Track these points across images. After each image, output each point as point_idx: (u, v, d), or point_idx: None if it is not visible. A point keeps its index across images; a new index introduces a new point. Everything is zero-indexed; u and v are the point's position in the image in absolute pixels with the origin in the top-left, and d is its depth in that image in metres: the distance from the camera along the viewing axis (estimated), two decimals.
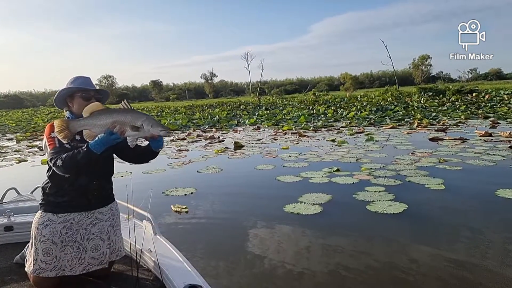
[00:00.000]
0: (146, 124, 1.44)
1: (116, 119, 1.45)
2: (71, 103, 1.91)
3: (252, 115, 20.84)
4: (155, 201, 4.81)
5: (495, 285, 2.61)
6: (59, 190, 1.90)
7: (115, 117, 1.46)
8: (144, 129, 1.47)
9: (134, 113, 1.44)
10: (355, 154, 7.76)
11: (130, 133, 1.46)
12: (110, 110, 1.48)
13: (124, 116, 1.45)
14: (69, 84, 1.91)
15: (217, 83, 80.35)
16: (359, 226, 3.90)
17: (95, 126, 1.46)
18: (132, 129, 1.44)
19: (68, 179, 1.87)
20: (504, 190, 4.61)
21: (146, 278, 2.01)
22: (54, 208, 1.90)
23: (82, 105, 1.84)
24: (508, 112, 15.37)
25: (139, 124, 1.45)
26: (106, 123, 1.47)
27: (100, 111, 1.48)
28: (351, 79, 54.35)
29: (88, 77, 1.98)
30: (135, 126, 1.44)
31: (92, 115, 1.47)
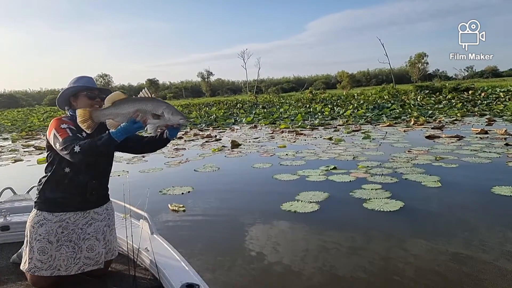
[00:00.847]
0: (167, 112, 1.45)
1: (138, 108, 1.46)
2: (75, 102, 1.92)
3: (249, 113, 20.83)
4: (152, 200, 4.82)
5: (492, 278, 2.64)
6: (58, 186, 1.88)
7: (137, 105, 1.47)
8: (165, 117, 1.48)
9: (155, 101, 1.45)
10: (352, 152, 7.77)
11: (151, 121, 1.47)
12: (132, 99, 1.49)
13: (145, 105, 1.46)
14: (73, 84, 1.92)
15: (214, 82, 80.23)
16: (356, 223, 3.91)
17: (118, 115, 1.47)
18: (153, 117, 1.45)
19: (68, 175, 1.86)
20: (499, 187, 4.64)
21: (144, 277, 2.01)
22: (50, 206, 1.88)
23: (87, 104, 1.87)
24: (504, 109, 15.45)
25: (160, 112, 1.46)
26: (128, 112, 1.48)
27: (123, 100, 1.48)
28: (348, 77, 54.45)
29: (91, 77, 2.01)
30: (156, 114, 1.45)
31: (115, 104, 1.48)
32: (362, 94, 28.90)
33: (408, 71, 62.41)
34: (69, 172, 1.86)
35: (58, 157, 1.85)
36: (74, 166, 1.87)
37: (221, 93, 71.17)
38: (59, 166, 1.87)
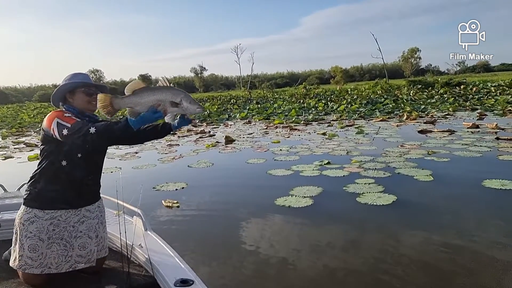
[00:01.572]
0: (185, 101, 1.48)
1: (158, 96, 1.49)
2: (71, 98, 1.91)
3: (243, 109, 20.79)
4: (146, 196, 4.80)
5: (483, 267, 2.70)
6: (52, 180, 1.86)
7: (157, 94, 1.49)
8: (183, 105, 1.51)
9: (174, 90, 1.49)
10: (346, 147, 7.81)
11: (170, 109, 1.50)
12: (151, 88, 1.52)
13: (164, 93, 1.49)
14: (69, 80, 1.91)
15: (207, 77, 79.82)
16: (349, 217, 3.94)
17: (138, 104, 1.49)
18: (172, 105, 1.48)
19: (65, 169, 1.84)
20: (490, 180, 4.70)
21: (137, 273, 2.00)
22: (41, 202, 1.86)
23: (84, 100, 1.88)
24: (495, 104, 15.61)
25: (178, 101, 1.49)
26: (148, 100, 1.50)
27: (142, 89, 1.50)
28: (342, 72, 54.51)
29: (87, 74, 2.02)
30: (174, 103, 1.48)
31: (135, 93, 1.50)
32: (356, 89, 28.98)
33: (401, 66, 62.62)
34: (66, 165, 1.84)
35: (55, 149, 1.83)
36: (72, 160, 1.85)
37: (215, 88, 70.88)
38: (55, 159, 1.85)
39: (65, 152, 1.83)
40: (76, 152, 1.85)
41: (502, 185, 4.51)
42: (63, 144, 1.80)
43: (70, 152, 1.84)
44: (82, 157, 1.87)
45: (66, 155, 1.82)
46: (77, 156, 1.86)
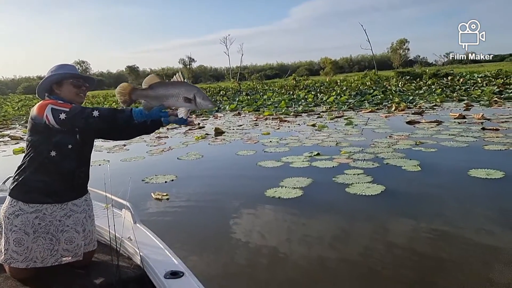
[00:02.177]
0: (198, 96, 1.51)
1: (172, 91, 1.53)
2: (58, 89, 1.88)
3: (233, 100, 20.69)
4: (135, 189, 4.76)
5: (470, 253, 2.76)
6: (40, 170, 1.82)
7: (171, 89, 1.53)
8: (196, 101, 1.54)
9: (187, 86, 1.52)
10: (335, 138, 7.85)
11: (183, 105, 1.53)
12: (166, 83, 1.56)
13: (178, 88, 1.53)
14: (56, 71, 1.89)
15: (196, 69, 79.11)
16: (339, 208, 3.98)
17: (153, 98, 1.53)
18: (185, 100, 1.51)
19: (54, 159, 1.81)
20: (476, 170, 4.79)
21: (127, 266, 1.99)
22: (26, 194, 1.81)
23: (72, 92, 1.87)
24: (481, 95, 15.85)
25: (191, 96, 1.52)
26: (163, 94, 1.53)
27: (157, 83, 1.54)
28: (331, 63, 54.53)
29: (73, 65, 2.02)
30: (187, 98, 1.51)
31: (151, 87, 1.54)
32: (345, 81, 29.09)
33: (390, 57, 62.99)
34: (55, 156, 1.81)
35: (44, 140, 1.80)
36: (61, 151, 1.82)
37: (204, 80, 70.35)
38: (44, 149, 1.81)
39: (55, 142, 1.80)
40: (66, 142, 1.83)
41: (488, 175, 4.60)
42: (53, 134, 1.77)
43: (60, 142, 1.81)
44: (72, 148, 1.85)
45: (56, 145, 1.80)
46: (67, 147, 1.83)
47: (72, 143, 1.84)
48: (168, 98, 1.54)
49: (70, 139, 1.83)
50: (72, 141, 1.84)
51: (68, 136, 1.82)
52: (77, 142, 1.86)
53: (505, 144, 6.28)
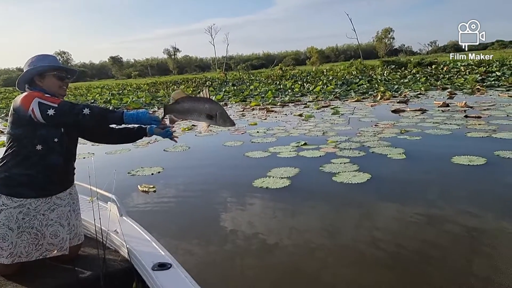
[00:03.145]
0: (220, 115, 1.58)
1: (197, 108, 1.58)
2: (40, 81, 1.84)
3: (219, 91, 20.54)
4: (121, 182, 4.71)
5: (455, 234, 2.86)
6: (24, 163, 1.78)
7: (195, 104, 1.59)
8: (217, 119, 1.60)
9: (212, 103, 1.58)
10: (322, 127, 7.90)
11: (204, 120, 1.59)
12: (192, 98, 1.62)
13: (203, 105, 1.58)
14: (37, 63, 1.84)
15: (181, 59, 78.18)
16: (326, 196, 4.02)
17: (179, 111, 1.59)
18: (207, 117, 1.57)
19: (39, 153, 1.77)
20: (459, 157, 4.89)
21: (114, 259, 1.97)
22: (10, 188, 1.77)
23: (55, 84, 1.84)
24: (464, 83, 16.12)
25: (213, 114, 1.58)
26: (187, 109, 1.59)
27: (184, 98, 1.60)
28: (317, 53, 54.67)
29: (55, 56, 1.98)
30: (210, 115, 1.57)
31: (177, 101, 1.59)
32: (331, 70, 29.17)
33: (375, 46, 63.41)
34: (41, 149, 1.77)
35: (29, 133, 1.75)
36: (48, 144, 1.79)
37: (189, 70, 69.57)
38: (29, 143, 1.76)
39: (40, 136, 1.76)
40: (52, 136, 1.79)
41: (470, 161, 4.71)
42: (38, 127, 1.73)
43: (46, 136, 1.77)
44: (58, 142, 1.82)
45: (41, 139, 1.76)
46: (53, 140, 1.80)
47: (58, 136, 1.81)
48: (192, 113, 1.60)
49: (55, 133, 1.80)
50: (57, 134, 1.81)
51: (54, 129, 1.78)
52: (63, 135, 1.83)
53: (487, 131, 6.43)
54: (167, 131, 1.97)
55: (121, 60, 73.32)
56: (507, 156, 4.85)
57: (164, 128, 1.96)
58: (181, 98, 1.61)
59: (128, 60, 79.94)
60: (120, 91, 25.48)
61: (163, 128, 1.95)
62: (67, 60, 65.08)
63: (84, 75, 65.33)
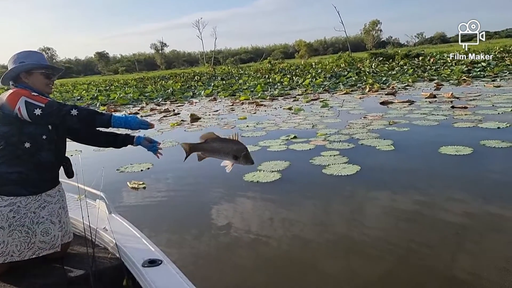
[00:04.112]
0: (244, 156, 1.68)
1: (225, 149, 1.70)
2: (27, 78, 1.82)
3: (208, 86, 20.42)
4: (110, 179, 4.66)
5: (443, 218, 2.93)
6: (14, 161, 1.75)
7: (224, 146, 1.70)
8: (241, 159, 1.70)
9: (239, 145, 1.69)
10: (311, 120, 7.92)
11: (230, 160, 1.70)
12: (221, 139, 1.72)
13: (231, 147, 1.69)
14: (24, 59, 1.82)
15: (168, 54, 77.44)
16: (316, 188, 4.04)
17: (207, 151, 1.69)
18: (233, 157, 1.69)
19: (28, 150, 1.75)
20: (446, 147, 4.96)
21: (103, 256, 1.95)
22: (0, 186, 1.75)
23: (42, 82, 1.83)
24: (451, 74, 16.32)
25: (239, 155, 1.69)
26: (215, 149, 1.69)
27: (213, 139, 1.71)
28: (306, 46, 54.70)
29: (42, 53, 1.98)
30: (236, 156, 1.69)
31: (206, 141, 1.71)
32: (320, 63, 29.23)
33: (363, 39, 63.72)
34: (30, 147, 1.75)
35: (16, 131, 1.72)
36: (36, 142, 1.76)
37: (177, 65, 68.99)
38: (17, 141, 1.73)
39: (28, 133, 1.73)
40: (40, 133, 1.77)
41: (457, 151, 4.78)
42: (25, 125, 1.71)
43: (34, 133, 1.75)
44: (47, 139, 1.80)
45: (29, 136, 1.74)
46: (42, 137, 1.78)
47: (46, 133, 1.79)
48: (220, 153, 1.70)
49: (43, 130, 1.78)
50: (45, 131, 1.79)
51: (42, 126, 1.76)
52: (51, 132, 1.82)
53: (473, 121, 6.53)
54: (154, 146, 2.05)
55: (107, 56, 72.27)
56: (492, 145, 4.93)
57: (151, 142, 2.05)
58: (210, 138, 1.73)
59: (115, 56, 79.00)
60: (107, 87, 25.14)
61: (150, 141, 2.04)
62: (51, 57, 63.89)
63: (70, 71, 64.20)
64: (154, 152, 2.07)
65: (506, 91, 10.13)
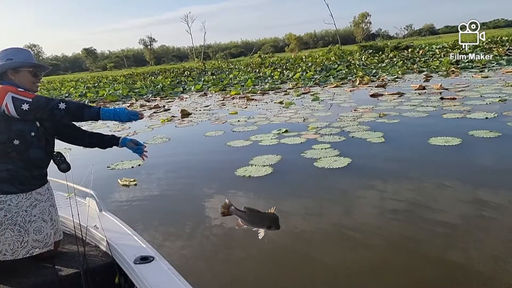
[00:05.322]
0: (275, 226, 1.72)
1: (262, 220, 1.73)
2: (13, 75, 1.81)
3: (198, 81, 20.29)
4: (100, 176, 4.62)
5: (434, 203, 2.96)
6: (4, 159, 1.74)
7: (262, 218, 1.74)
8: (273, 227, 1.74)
9: (274, 217, 1.74)
10: (302, 114, 7.93)
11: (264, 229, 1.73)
12: (260, 213, 1.77)
13: (267, 219, 1.75)
14: (11, 56, 1.81)
15: (157, 49, 76.66)
16: (308, 181, 4.06)
17: (245, 219, 1.73)
18: (268, 228, 1.74)
19: (17, 148, 1.73)
20: (435, 138, 5.02)
21: (95, 254, 1.94)
22: None
23: (30, 80, 1.84)
24: (440, 65, 16.46)
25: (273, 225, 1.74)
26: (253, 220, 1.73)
27: (252, 210, 1.75)
28: (296, 39, 54.59)
29: (29, 50, 1.97)
30: (270, 226, 1.74)
31: (245, 210, 1.75)
32: (310, 57, 29.21)
33: (353, 31, 63.79)
34: (19, 144, 1.74)
35: (3, 128, 1.70)
36: (25, 139, 1.75)
37: (167, 60, 68.35)
38: (5, 138, 1.71)
39: (17, 130, 1.72)
40: (29, 130, 1.76)
41: (446, 142, 4.84)
42: (13, 122, 1.69)
43: (23, 130, 1.74)
44: (36, 136, 1.79)
45: (18, 134, 1.72)
46: (30, 134, 1.77)
47: (35, 130, 1.78)
48: (258, 224, 1.75)
49: (31, 127, 1.77)
50: (34, 128, 1.78)
51: (30, 123, 1.75)
52: (39, 129, 1.81)
53: (462, 112, 6.61)
54: (139, 148, 2.05)
55: (95, 52, 71.20)
56: (480, 135, 5.00)
57: (137, 144, 2.05)
58: (250, 209, 1.78)
59: (103, 52, 77.93)
60: (96, 84, 24.82)
61: (136, 144, 2.05)
62: (38, 54, 62.76)
63: (57, 68, 63.18)
64: (139, 154, 2.08)
65: (493, 82, 10.27)
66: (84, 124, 8.76)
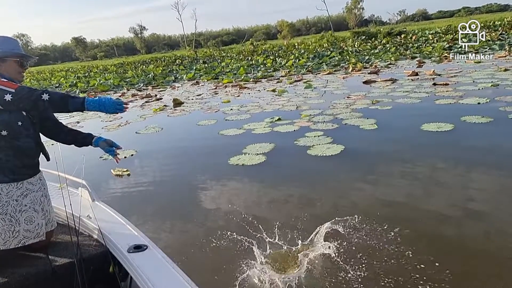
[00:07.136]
0: None
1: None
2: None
3: (190, 69, 20.09)
4: (93, 167, 4.59)
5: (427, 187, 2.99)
6: None
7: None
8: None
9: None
10: (295, 102, 7.91)
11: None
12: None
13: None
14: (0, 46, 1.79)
15: (148, 37, 75.60)
16: (301, 169, 4.07)
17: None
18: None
19: (6, 138, 1.72)
20: (428, 124, 5.05)
21: (88, 244, 1.93)
22: None
23: (16, 70, 1.82)
24: (432, 51, 16.47)
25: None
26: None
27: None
28: (288, 26, 54.03)
29: (16, 40, 1.93)
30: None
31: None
32: (303, 44, 29.07)
33: (346, 17, 63.33)
34: (7, 135, 1.72)
35: None
36: (13, 129, 1.73)
37: (158, 49, 67.53)
38: None
39: (3, 121, 1.70)
40: (15, 120, 1.74)
41: (438, 128, 4.87)
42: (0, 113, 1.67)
43: (9, 120, 1.72)
44: (23, 125, 1.77)
45: (5, 124, 1.71)
46: (17, 124, 1.75)
47: (21, 120, 1.77)
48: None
49: (18, 117, 1.75)
50: (20, 118, 1.76)
51: (15, 113, 1.73)
52: (26, 118, 1.79)
53: (454, 98, 6.64)
54: (111, 149, 2.02)
55: (85, 41, 69.98)
56: (473, 121, 5.04)
57: (111, 145, 2.01)
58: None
59: (93, 41, 76.66)
60: (86, 74, 24.47)
61: (110, 145, 2.01)
62: (26, 43, 61.57)
63: (47, 58, 62.11)
64: (112, 155, 2.04)
65: (486, 67, 10.31)
66: (76, 114, 8.68)
